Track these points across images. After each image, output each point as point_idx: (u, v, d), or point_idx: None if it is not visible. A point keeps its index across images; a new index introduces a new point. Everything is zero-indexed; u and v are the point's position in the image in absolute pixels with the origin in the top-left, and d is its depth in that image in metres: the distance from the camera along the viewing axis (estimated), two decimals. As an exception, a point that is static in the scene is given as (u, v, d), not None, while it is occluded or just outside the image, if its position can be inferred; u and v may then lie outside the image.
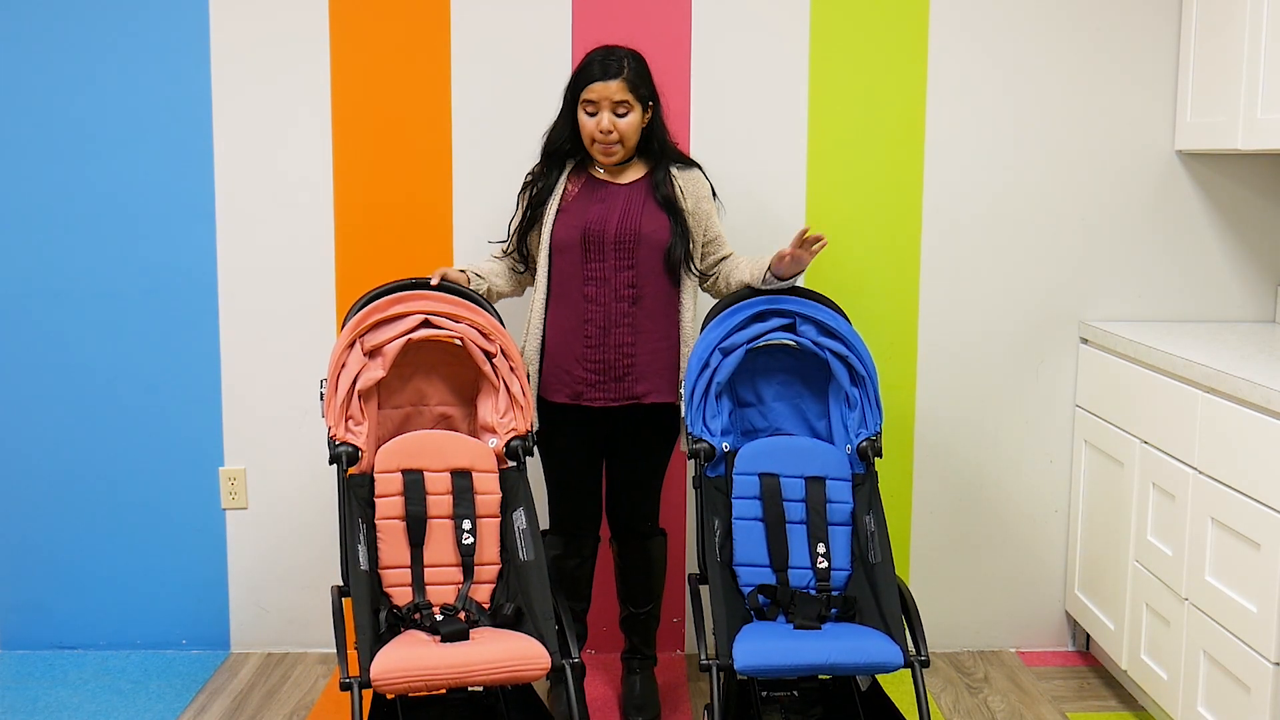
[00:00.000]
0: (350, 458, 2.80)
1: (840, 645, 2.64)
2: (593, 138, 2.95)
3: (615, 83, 2.90)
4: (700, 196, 3.04)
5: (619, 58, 2.93)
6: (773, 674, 2.69)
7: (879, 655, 2.62)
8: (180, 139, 3.41)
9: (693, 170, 3.07)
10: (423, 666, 2.49)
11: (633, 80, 2.92)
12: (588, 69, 2.94)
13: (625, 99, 2.92)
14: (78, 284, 3.46)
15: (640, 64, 2.96)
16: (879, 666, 2.62)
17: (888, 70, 3.41)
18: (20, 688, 3.36)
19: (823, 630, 2.74)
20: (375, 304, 2.95)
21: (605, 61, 2.93)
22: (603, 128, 2.92)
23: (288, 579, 3.58)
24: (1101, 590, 3.34)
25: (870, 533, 2.87)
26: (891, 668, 2.62)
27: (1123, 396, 3.21)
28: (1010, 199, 3.46)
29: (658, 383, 3.01)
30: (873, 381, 2.95)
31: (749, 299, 3.01)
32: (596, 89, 2.91)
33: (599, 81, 2.91)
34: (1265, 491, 2.53)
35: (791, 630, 2.74)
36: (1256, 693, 2.55)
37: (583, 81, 2.93)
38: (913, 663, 2.65)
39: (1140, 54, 3.41)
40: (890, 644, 2.65)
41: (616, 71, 2.91)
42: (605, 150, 2.96)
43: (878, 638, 2.68)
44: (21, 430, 3.51)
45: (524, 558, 2.84)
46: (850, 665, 2.63)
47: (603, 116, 2.92)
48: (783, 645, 2.65)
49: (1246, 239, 3.48)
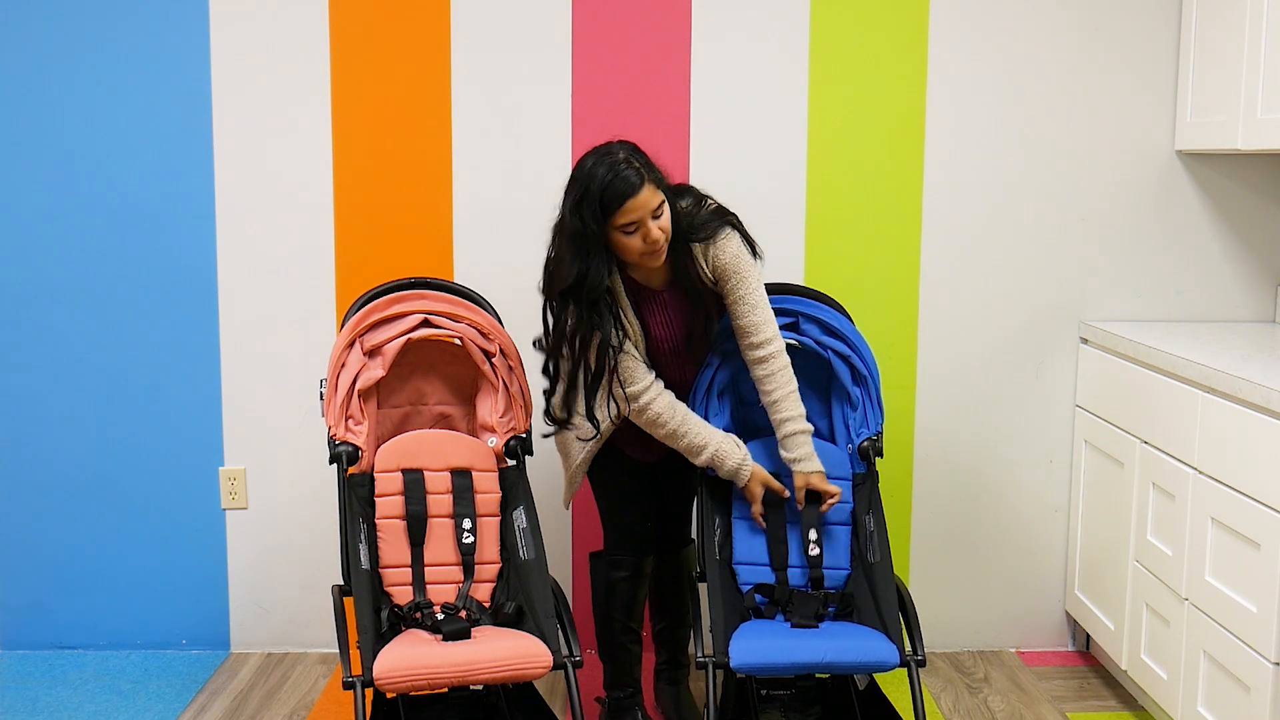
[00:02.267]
0: (350, 457, 2.80)
1: (836, 644, 2.64)
2: (642, 253, 2.66)
3: (645, 191, 2.61)
4: (722, 273, 2.79)
5: (627, 160, 2.63)
6: (769, 673, 2.70)
7: (874, 655, 2.62)
8: (180, 139, 3.41)
9: (719, 238, 2.78)
10: (425, 665, 2.49)
11: (654, 179, 2.65)
12: (610, 189, 2.59)
13: (659, 200, 2.65)
14: (78, 284, 3.45)
15: (645, 158, 2.68)
16: (874, 666, 2.62)
17: (888, 70, 3.41)
18: (20, 688, 3.36)
19: (820, 629, 2.74)
20: (375, 303, 2.95)
21: (623, 174, 2.60)
22: (653, 239, 2.64)
23: (288, 579, 3.58)
24: (1101, 590, 3.34)
25: (870, 532, 2.87)
26: (887, 667, 2.62)
27: (1123, 396, 3.22)
28: (1010, 199, 3.46)
29: None
30: (875, 381, 2.96)
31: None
32: (633, 206, 2.60)
33: (632, 198, 2.60)
34: (1265, 491, 2.53)
35: (789, 629, 2.74)
36: (1256, 693, 2.55)
37: (613, 204, 2.60)
38: (909, 662, 2.65)
39: (1140, 54, 3.41)
40: (886, 643, 2.65)
41: (640, 179, 2.61)
42: (656, 255, 2.69)
43: (874, 637, 2.68)
44: (21, 430, 3.51)
45: (524, 556, 2.84)
46: (845, 664, 2.63)
47: (650, 228, 2.63)
48: (779, 644, 2.65)
49: (1246, 239, 3.48)
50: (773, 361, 2.82)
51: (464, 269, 3.44)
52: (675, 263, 2.77)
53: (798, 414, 2.84)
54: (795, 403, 2.84)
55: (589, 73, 3.40)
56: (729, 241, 2.79)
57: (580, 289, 2.67)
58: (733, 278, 2.79)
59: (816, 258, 3.46)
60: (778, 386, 2.83)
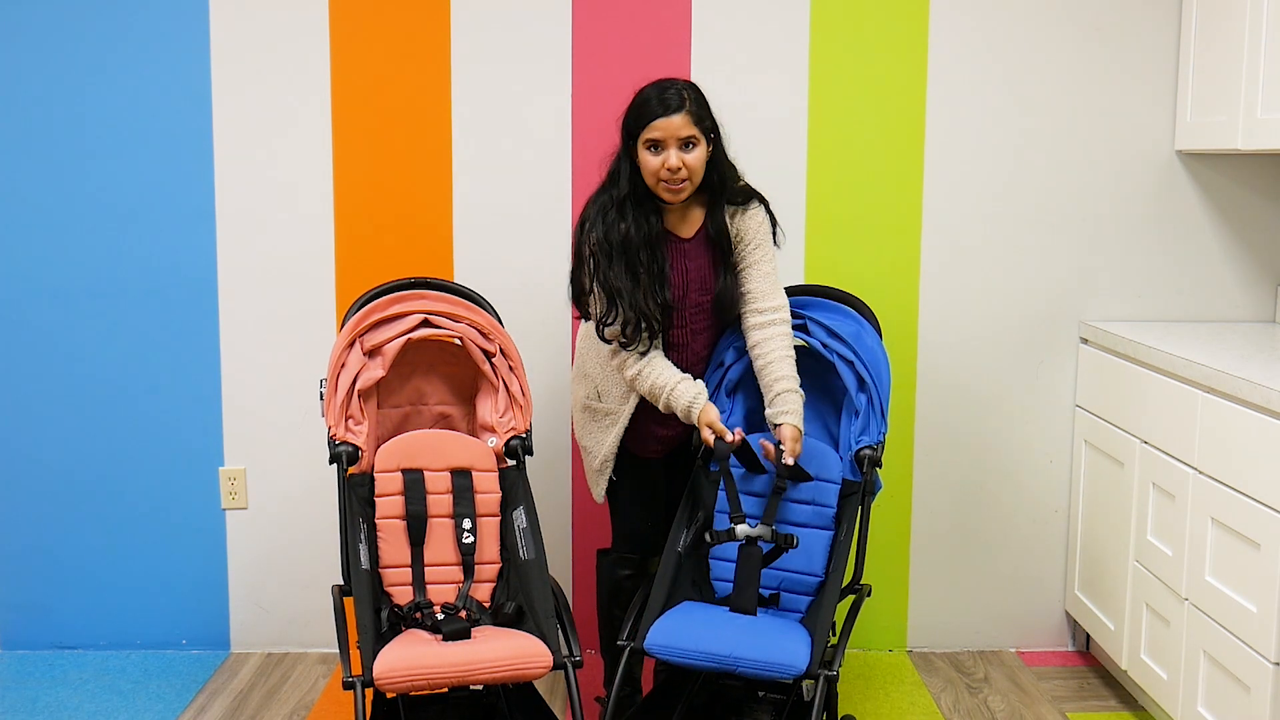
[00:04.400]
0: (350, 457, 2.80)
1: (751, 640, 2.55)
2: (659, 177, 2.75)
3: (679, 117, 2.71)
4: (744, 237, 2.87)
5: (678, 90, 2.75)
6: (679, 660, 2.59)
7: (782, 657, 2.53)
8: (180, 139, 3.41)
9: (750, 207, 2.89)
10: (425, 665, 2.49)
11: (696, 112, 2.74)
12: (646, 105, 2.74)
13: (691, 133, 2.73)
14: (78, 284, 3.45)
15: (699, 95, 2.79)
16: (780, 669, 2.52)
17: (888, 70, 3.41)
18: (20, 688, 3.36)
19: (753, 620, 2.67)
20: (375, 303, 2.95)
21: (664, 96, 2.73)
22: (670, 165, 2.72)
23: (288, 579, 3.58)
24: (1101, 590, 3.34)
25: (839, 541, 2.80)
26: (790, 674, 2.52)
27: (1123, 396, 3.22)
28: (1010, 199, 3.46)
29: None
30: (879, 389, 2.89)
31: None
32: (660, 125, 2.71)
33: (662, 118, 2.71)
34: (1265, 491, 2.53)
35: (725, 614, 2.69)
36: (1256, 693, 2.55)
37: (644, 119, 2.73)
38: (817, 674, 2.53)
39: (1140, 54, 3.41)
40: (802, 647, 2.56)
41: (678, 105, 2.72)
42: (673, 190, 2.76)
43: (794, 639, 2.60)
44: (22, 430, 3.51)
45: (524, 556, 2.84)
46: (752, 662, 2.53)
47: (670, 154, 2.72)
48: (698, 631, 2.59)
49: (1246, 239, 3.48)
50: (776, 326, 2.85)
51: (464, 269, 3.44)
52: (712, 217, 2.86)
53: (790, 374, 2.81)
54: (790, 366, 2.83)
55: (589, 73, 3.40)
56: (758, 211, 2.90)
57: (614, 185, 2.80)
58: (753, 243, 2.87)
59: (816, 258, 3.46)
60: (775, 349, 2.83)
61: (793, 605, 2.83)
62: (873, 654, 3.58)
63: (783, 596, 2.85)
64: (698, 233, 2.88)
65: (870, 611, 3.57)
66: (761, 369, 2.84)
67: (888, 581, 3.58)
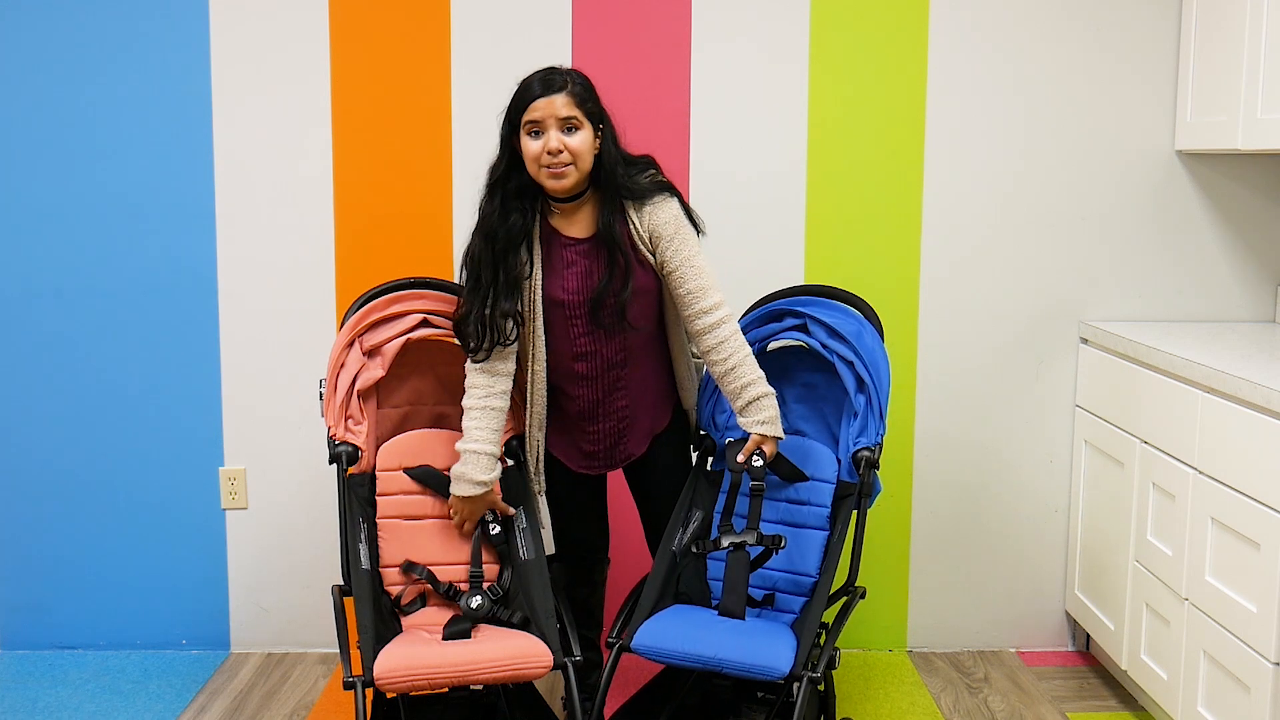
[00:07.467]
0: (350, 457, 2.81)
1: (736, 643, 2.55)
2: (540, 161, 2.64)
3: (560, 96, 2.63)
4: (658, 234, 2.71)
5: (561, 74, 2.67)
6: (666, 660, 2.59)
7: (764, 659, 2.51)
8: (181, 139, 3.41)
9: (655, 201, 2.72)
10: (426, 665, 2.49)
11: (579, 94, 2.66)
12: (526, 89, 2.66)
13: (573, 114, 2.63)
14: (78, 284, 3.46)
15: (586, 81, 2.70)
16: (762, 671, 2.51)
17: (888, 70, 3.41)
18: (20, 688, 3.36)
19: (743, 623, 2.66)
20: (374, 303, 2.95)
21: (546, 78, 2.66)
22: (551, 148, 2.62)
23: (288, 579, 3.58)
24: (1101, 590, 3.34)
25: (831, 543, 2.80)
26: (773, 675, 2.51)
27: (1123, 396, 3.22)
28: (1010, 199, 3.46)
29: (647, 425, 2.88)
30: (878, 391, 2.85)
31: (765, 299, 3.02)
32: (540, 105, 2.62)
33: (542, 97, 2.63)
34: (1265, 491, 2.53)
35: (713, 617, 2.68)
36: (1256, 693, 2.56)
37: (524, 102, 2.65)
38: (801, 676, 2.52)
39: (1140, 54, 3.41)
40: (786, 650, 2.54)
41: (560, 86, 2.64)
42: (555, 174, 2.65)
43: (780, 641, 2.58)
44: (22, 430, 3.51)
45: (524, 556, 2.84)
46: (735, 664, 2.52)
47: (550, 136, 2.62)
48: (686, 632, 2.59)
49: (1246, 239, 3.48)
50: (724, 327, 2.70)
51: (464, 269, 3.44)
52: (601, 214, 2.71)
53: (759, 376, 2.71)
54: (754, 365, 2.72)
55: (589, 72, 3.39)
56: (667, 204, 2.73)
57: (500, 182, 2.71)
58: (673, 240, 2.70)
59: (816, 258, 3.46)
60: (733, 352, 2.70)
61: (787, 606, 2.83)
62: (872, 654, 3.58)
63: (777, 597, 2.84)
64: (594, 234, 2.75)
65: (870, 612, 3.57)
66: (725, 374, 2.71)
67: (888, 582, 3.58)
